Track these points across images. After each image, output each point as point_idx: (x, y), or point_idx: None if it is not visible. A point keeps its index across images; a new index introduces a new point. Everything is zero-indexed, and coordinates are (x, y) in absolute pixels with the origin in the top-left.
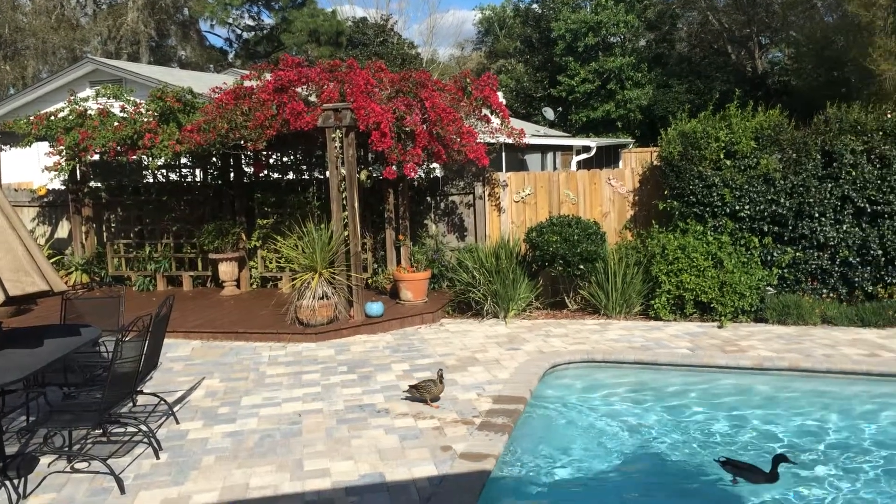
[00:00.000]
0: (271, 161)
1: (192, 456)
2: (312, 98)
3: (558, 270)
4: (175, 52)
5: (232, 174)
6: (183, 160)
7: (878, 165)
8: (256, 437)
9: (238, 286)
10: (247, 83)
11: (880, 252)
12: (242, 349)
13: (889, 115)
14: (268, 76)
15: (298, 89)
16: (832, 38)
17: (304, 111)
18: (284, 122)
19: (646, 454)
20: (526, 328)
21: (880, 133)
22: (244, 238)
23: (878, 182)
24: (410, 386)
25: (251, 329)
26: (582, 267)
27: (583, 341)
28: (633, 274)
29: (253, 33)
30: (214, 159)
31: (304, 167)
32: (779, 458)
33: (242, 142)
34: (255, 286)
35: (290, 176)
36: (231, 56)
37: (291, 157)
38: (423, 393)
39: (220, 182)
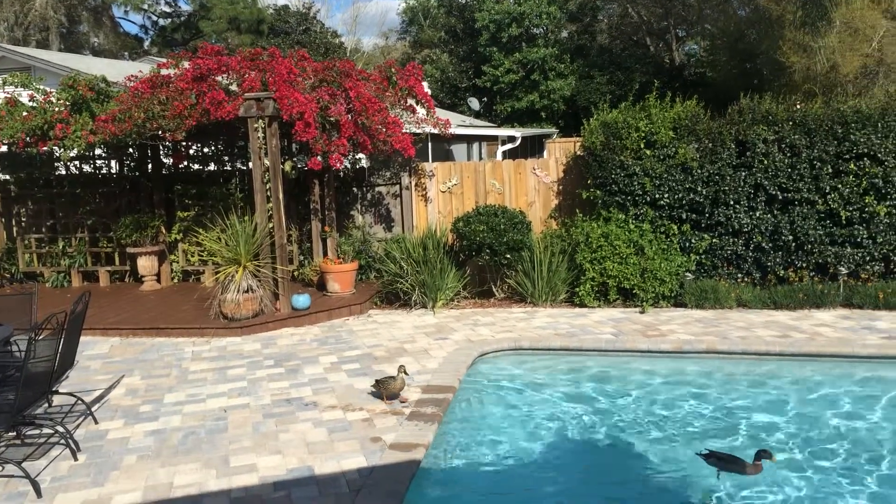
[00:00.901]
0: (191, 152)
1: (112, 456)
2: (233, 87)
3: (485, 260)
4: (87, 39)
5: (150, 165)
6: (97, 151)
7: (788, 154)
8: (180, 434)
9: (158, 281)
10: (164, 71)
11: (791, 237)
12: (164, 345)
13: (798, 106)
14: (186, 64)
15: (219, 78)
16: (745, 31)
17: (225, 100)
18: (204, 111)
19: (572, 437)
20: (454, 318)
21: (790, 123)
22: (164, 231)
23: (789, 170)
24: (376, 380)
25: (173, 325)
26: (508, 256)
27: (510, 329)
28: (559, 262)
29: (170, 20)
30: (131, 150)
31: (227, 158)
32: (762, 453)
33: (160, 132)
34: (176, 281)
35: (212, 167)
36: (147, 44)
37: (213, 148)
38: (381, 388)
39: (137, 174)
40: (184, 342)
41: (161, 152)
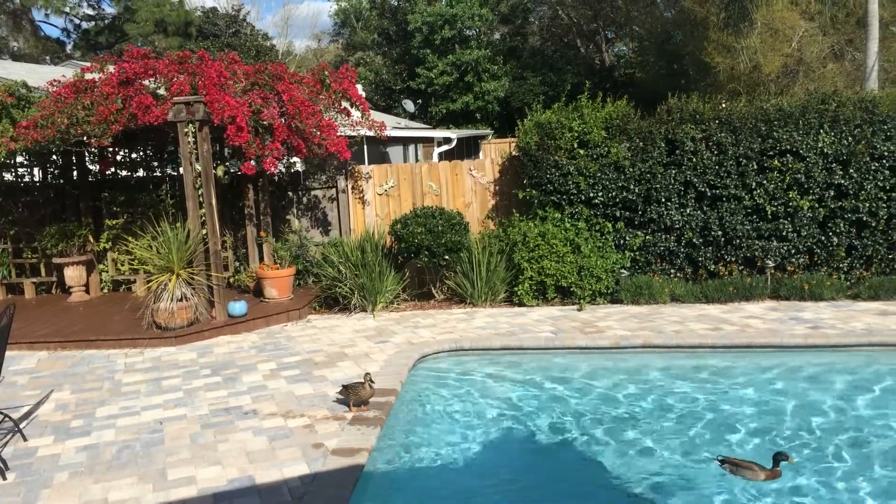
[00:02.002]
0: (119, 158)
1: (42, 474)
2: (161, 91)
3: (424, 262)
4: (6, 43)
5: (76, 172)
6: (19, 159)
7: (715, 152)
8: (114, 449)
9: (87, 291)
10: (88, 76)
11: (720, 233)
12: (95, 358)
13: (724, 105)
14: (111, 68)
15: (146, 82)
16: (671, 32)
17: (153, 105)
18: (132, 116)
19: (515, 436)
20: (394, 320)
21: (716, 122)
22: (92, 240)
23: (716, 167)
24: (343, 386)
25: (104, 336)
26: (447, 257)
27: (451, 330)
28: (497, 262)
29: (93, 23)
30: (55, 157)
31: (156, 164)
32: (779, 456)
33: (85, 138)
34: (106, 291)
35: (141, 173)
36: (70, 47)
37: (141, 154)
38: (349, 395)
39: (62, 181)
40: (116, 354)
41: (87, 159)
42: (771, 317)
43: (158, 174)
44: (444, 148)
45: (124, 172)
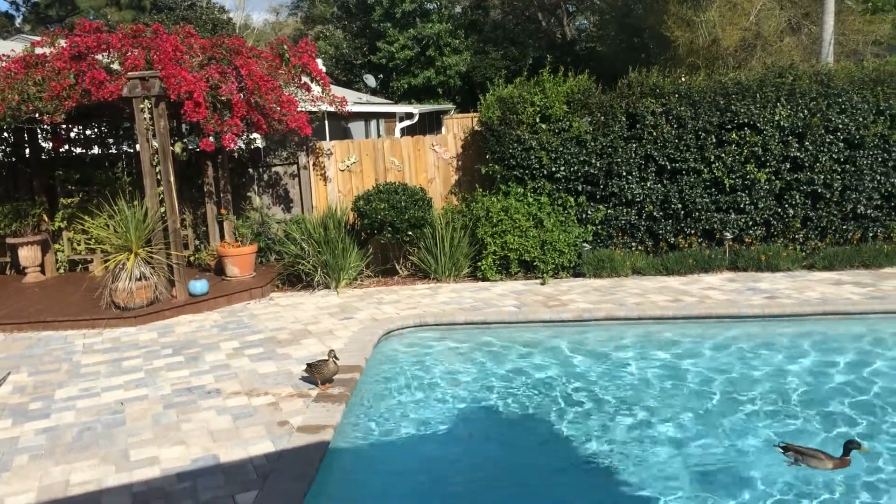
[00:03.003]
0: (73, 135)
1: (1, 458)
2: (115, 66)
3: (387, 238)
4: None
5: (28, 150)
6: None
7: (675, 126)
8: (75, 430)
9: (43, 272)
10: (39, 50)
11: (680, 206)
12: (52, 339)
13: (683, 79)
14: (63, 42)
15: (99, 56)
16: (632, 6)
17: (107, 80)
18: (85, 92)
19: (479, 411)
20: (358, 297)
21: (676, 96)
22: (46, 219)
23: (676, 141)
24: (308, 364)
25: (61, 317)
26: (410, 233)
27: (415, 306)
28: (460, 237)
29: None
30: (6, 135)
31: (112, 141)
32: (850, 444)
33: (37, 115)
34: (62, 271)
35: (96, 150)
36: (19, 21)
37: (96, 130)
38: (315, 373)
39: (14, 159)
40: (74, 335)
41: (39, 136)
42: (729, 288)
43: (114, 151)
44: (407, 123)
45: (79, 150)
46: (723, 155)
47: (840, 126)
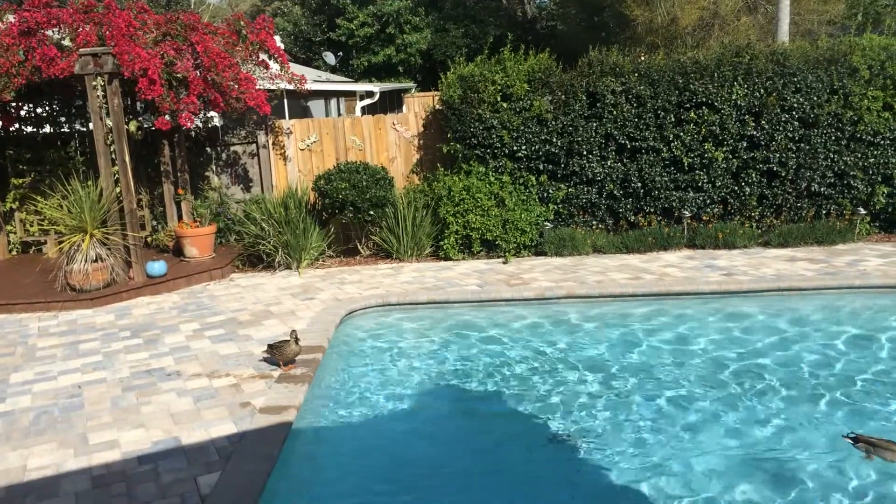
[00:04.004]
0: (23, 113)
1: None
2: (67, 42)
3: (349, 217)
4: None
5: None
6: None
7: (635, 105)
8: (31, 415)
9: None
10: None
11: (640, 185)
12: (5, 322)
13: (643, 58)
14: (11, 18)
15: (49, 32)
16: None
17: (58, 57)
18: (35, 69)
19: (442, 388)
20: (320, 277)
21: (636, 74)
22: None
23: (636, 120)
24: (269, 345)
25: (14, 300)
26: (372, 213)
27: (377, 286)
28: (423, 217)
29: None
30: None
31: (64, 119)
32: None
33: None
34: (15, 253)
35: (48, 129)
36: None
37: (48, 109)
38: (276, 354)
39: None
40: (28, 318)
41: None
42: (688, 265)
43: (67, 130)
44: (367, 102)
45: (30, 128)
46: (681, 134)
47: (795, 105)
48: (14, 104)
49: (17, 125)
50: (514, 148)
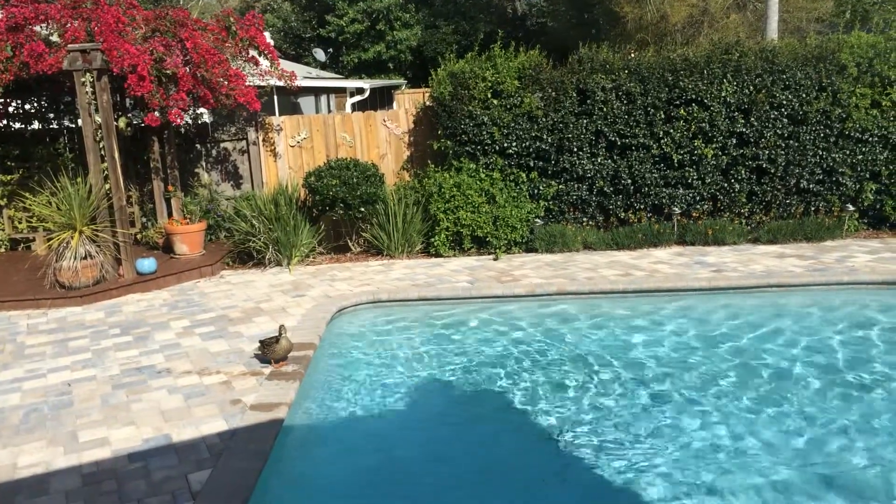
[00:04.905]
0: (11, 110)
1: None
2: (55, 38)
3: (340, 214)
4: None
5: None
6: None
7: (625, 101)
8: (21, 412)
9: None
10: None
11: (630, 181)
12: None
13: (633, 55)
14: None
15: (37, 28)
16: None
17: (46, 53)
18: (23, 65)
19: (433, 387)
20: (310, 274)
21: (626, 71)
22: None
23: (626, 117)
24: (260, 342)
25: (3, 297)
26: (363, 209)
27: (368, 283)
28: (413, 214)
29: None
30: None
31: (52, 115)
32: None
33: None
34: (3, 250)
35: (36, 125)
36: None
37: (36, 105)
38: (267, 352)
39: None
40: (17, 315)
41: None
42: (678, 262)
43: (55, 127)
44: (357, 98)
45: (18, 125)
46: (671, 131)
47: (784, 102)
48: (2, 100)
49: (4, 121)
50: (505, 145)
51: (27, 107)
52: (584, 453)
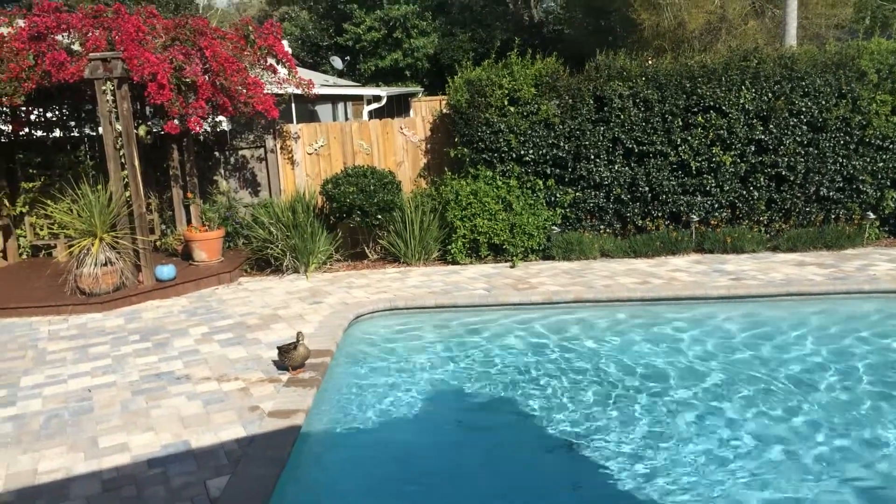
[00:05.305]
0: (33, 118)
1: None
2: (76, 47)
3: (357, 221)
4: None
5: None
6: None
7: (642, 108)
8: (42, 418)
9: (5, 257)
10: None
11: (647, 189)
12: (16, 326)
13: (650, 62)
14: (21, 23)
15: (59, 37)
16: None
17: (68, 61)
18: (45, 73)
19: (450, 394)
20: (328, 281)
21: (643, 78)
22: (7, 204)
23: (643, 124)
24: (278, 347)
25: (25, 303)
26: (380, 217)
27: (385, 290)
28: (430, 221)
29: None
30: None
31: (73, 123)
32: None
33: None
34: (25, 256)
35: (58, 133)
36: None
37: (57, 113)
38: (285, 359)
39: None
40: (38, 321)
41: None
42: (696, 269)
43: (76, 134)
44: (374, 106)
45: (40, 133)
46: (689, 138)
47: (803, 109)
48: (24, 108)
49: (27, 129)
50: (522, 152)
51: (49, 115)
52: (604, 463)
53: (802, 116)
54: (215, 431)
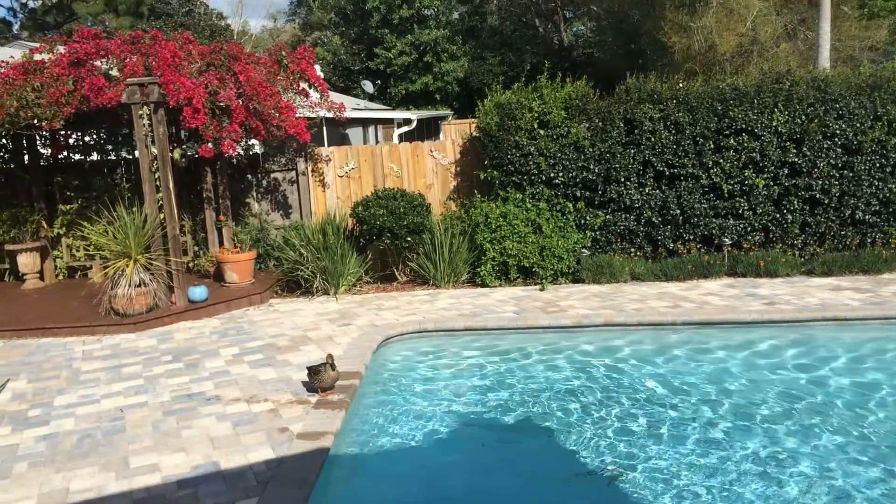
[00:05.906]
0: (72, 141)
1: (1, 465)
2: (114, 72)
3: (386, 244)
4: None
5: (26, 157)
6: None
7: (673, 131)
8: (75, 437)
9: (42, 278)
10: (37, 56)
11: (678, 211)
12: (51, 346)
13: (681, 85)
14: (61, 49)
15: (97, 63)
16: (629, 11)
17: (106, 86)
18: (84, 98)
19: (478, 418)
20: (357, 303)
21: (674, 101)
22: (45, 226)
23: (674, 147)
24: (308, 368)
25: (60, 323)
26: (409, 239)
27: (414, 312)
28: (459, 243)
29: (40, 2)
30: (4, 141)
31: (110, 147)
32: None
33: (36, 121)
34: (61, 277)
35: (95, 157)
36: (16, 27)
37: (95, 137)
38: (315, 381)
39: (12, 166)
40: (73, 341)
41: (38, 142)
42: (728, 293)
43: (113, 158)
44: (405, 129)
45: (77, 156)
46: (721, 160)
47: (838, 132)
48: (63, 132)
49: (65, 153)
50: (552, 175)
51: (87, 139)
52: (634, 490)
53: (837, 139)
54: (244, 452)
